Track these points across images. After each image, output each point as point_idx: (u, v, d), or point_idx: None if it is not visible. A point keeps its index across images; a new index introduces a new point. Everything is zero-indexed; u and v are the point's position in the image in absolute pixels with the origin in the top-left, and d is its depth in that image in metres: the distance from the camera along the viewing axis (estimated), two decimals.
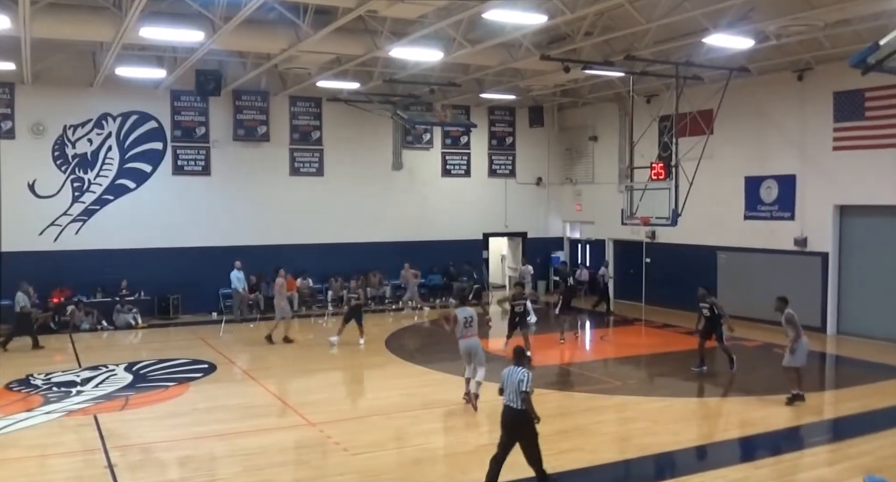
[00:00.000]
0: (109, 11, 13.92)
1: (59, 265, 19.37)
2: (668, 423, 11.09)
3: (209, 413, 11.67)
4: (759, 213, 19.77)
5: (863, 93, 17.01)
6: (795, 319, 11.84)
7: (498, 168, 26.30)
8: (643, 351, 17.10)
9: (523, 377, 7.90)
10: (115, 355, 16.00)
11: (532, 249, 26.56)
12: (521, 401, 7.82)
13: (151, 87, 20.10)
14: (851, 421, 11.39)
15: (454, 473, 9.11)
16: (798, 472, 9.10)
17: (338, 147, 23.31)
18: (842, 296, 18.18)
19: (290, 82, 21.07)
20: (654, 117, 19.77)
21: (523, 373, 7.97)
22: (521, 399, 7.81)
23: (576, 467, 9.03)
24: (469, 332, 11.88)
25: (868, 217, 17.69)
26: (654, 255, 22.52)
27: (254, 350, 17.35)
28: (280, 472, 9.03)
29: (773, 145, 19.38)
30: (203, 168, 21.61)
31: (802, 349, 11.79)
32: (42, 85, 19.48)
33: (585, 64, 16.76)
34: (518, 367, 8.10)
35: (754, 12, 13.60)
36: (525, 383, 7.84)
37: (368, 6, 12.62)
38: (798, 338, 11.74)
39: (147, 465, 9.33)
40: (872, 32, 13.22)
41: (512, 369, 8.11)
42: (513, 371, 8.07)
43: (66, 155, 20.17)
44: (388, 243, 23.69)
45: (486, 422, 11.75)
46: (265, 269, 21.62)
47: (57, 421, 11.17)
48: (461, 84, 20.75)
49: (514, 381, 7.94)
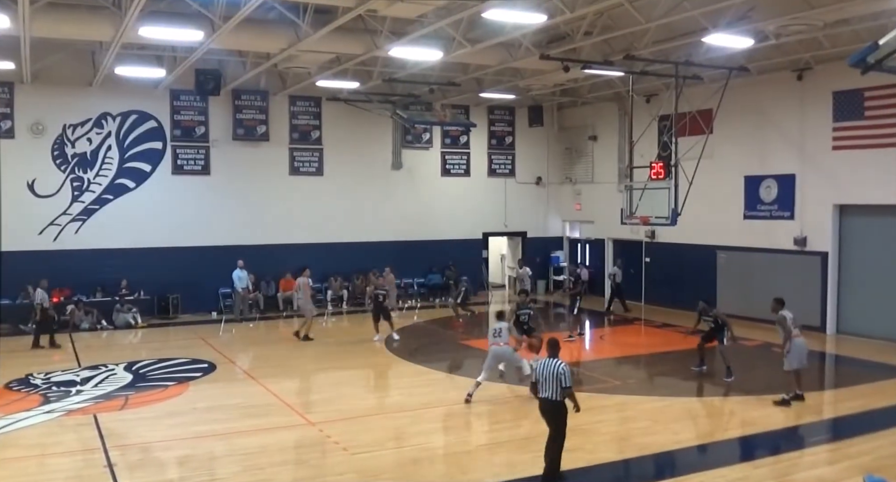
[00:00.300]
0: (109, 11, 13.92)
1: (58, 265, 19.35)
2: (668, 423, 11.10)
3: (209, 412, 11.67)
4: (758, 213, 19.77)
5: (862, 92, 17.01)
6: (787, 321, 11.77)
7: (497, 167, 26.31)
8: (643, 350, 17.10)
9: (563, 372, 8.13)
10: (114, 355, 16.00)
11: (532, 249, 26.58)
12: (562, 395, 8.10)
13: (151, 86, 20.10)
14: (851, 420, 11.39)
15: (453, 473, 9.11)
16: (797, 472, 9.09)
17: (337, 146, 23.31)
18: (841, 295, 18.18)
19: (290, 82, 21.07)
20: (654, 117, 19.78)
21: (563, 367, 8.19)
22: (566, 395, 8.11)
23: (576, 466, 9.02)
24: (498, 341, 12.32)
25: (867, 216, 17.69)
26: (653, 255, 22.53)
27: (253, 349, 17.38)
28: (279, 472, 9.03)
29: (773, 145, 19.38)
30: (203, 167, 21.61)
31: (798, 350, 11.74)
32: (41, 84, 19.49)
33: (585, 63, 16.76)
34: (554, 360, 8.33)
35: (754, 12, 13.60)
36: (566, 379, 8.10)
37: (368, 5, 12.62)
38: (789, 340, 11.71)
39: (146, 465, 9.33)
40: (872, 32, 13.22)
41: (547, 361, 8.32)
42: (548, 363, 8.28)
43: (65, 154, 20.17)
44: (387, 243, 23.68)
45: (486, 421, 11.78)
46: (266, 269, 21.66)
47: (56, 420, 11.17)
48: (461, 83, 20.75)
49: (552, 375, 8.15)
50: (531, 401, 12.37)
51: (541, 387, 8.30)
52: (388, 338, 17.45)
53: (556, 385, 8.13)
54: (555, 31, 15.94)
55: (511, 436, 10.67)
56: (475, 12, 13.08)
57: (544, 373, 8.25)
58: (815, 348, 16.84)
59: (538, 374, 8.36)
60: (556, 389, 8.12)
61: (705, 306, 14.15)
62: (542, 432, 8.52)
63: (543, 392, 8.28)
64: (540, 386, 8.32)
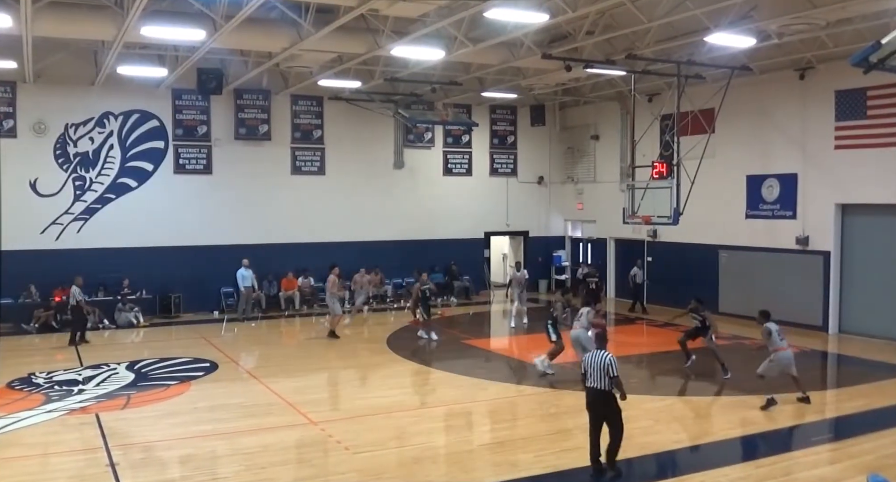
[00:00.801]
0: (111, 10, 13.92)
1: (60, 264, 19.36)
2: (669, 422, 11.10)
3: (210, 412, 11.67)
4: (760, 212, 19.75)
5: (865, 91, 17.00)
6: (773, 334, 11.70)
7: (499, 167, 26.31)
8: (644, 350, 17.10)
9: (610, 362, 8.58)
10: (116, 354, 16.00)
11: (533, 248, 26.58)
12: (609, 384, 8.55)
13: (153, 85, 20.11)
14: (853, 420, 11.38)
15: (455, 472, 9.10)
16: (799, 471, 9.08)
17: (339, 146, 23.31)
18: (843, 295, 18.16)
19: (292, 81, 21.08)
20: (656, 116, 19.77)
21: (609, 358, 8.62)
22: (614, 383, 8.55)
23: (577, 466, 9.03)
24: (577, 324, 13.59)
25: (869, 216, 17.67)
26: (655, 254, 22.52)
27: (255, 349, 17.38)
28: (281, 471, 9.03)
29: (775, 144, 19.36)
30: (204, 167, 21.62)
31: (779, 363, 11.67)
32: (44, 84, 19.51)
33: (587, 63, 16.74)
34: (601, 351, 8.78)
35: (756, 11, 13.58)
36: (613, 368, 8.54)
37: (370, 5, 12.62)
38: (775, 352, 11.69)
39: (148, 464, 9.33)
40: (874, 31, 13.22)
41: (595, 353, 8.79)
42: (596, 355, 8.74)
43: (67, 153, 20.19)
44: (389, 242, 23.69)
45: (488, 421, 11.78)
46: (267, 268, 21.65)
47: (58, 419, 11.17)
48: (462, 83, 20.74)
49: (600, 365, 8.59)
50: (533, 401, 12.42)
51: (589, 377, 8.75)
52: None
53: (603, 375, 8.59)
54: (557, 30, 15.93)
55: (512, 435, 10.65)
56: (477, 12, 13.07)
57: (593, 364, 8.70)
58: (817, 348, 16.91)
59: (586, 365, 8.81)
60: (604, 379, 8.59)
61: (697, 305, 14.39)
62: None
63: (591, 382, 8.72)
64: (588, 376, 8.76)
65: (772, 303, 18.84)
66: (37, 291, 19.38)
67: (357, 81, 19.85)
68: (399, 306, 22.63)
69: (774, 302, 18.72)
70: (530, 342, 18.56)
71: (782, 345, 11.75)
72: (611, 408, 8.70)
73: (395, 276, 23.63)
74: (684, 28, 15.15)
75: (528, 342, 18.57)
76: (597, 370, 8.63)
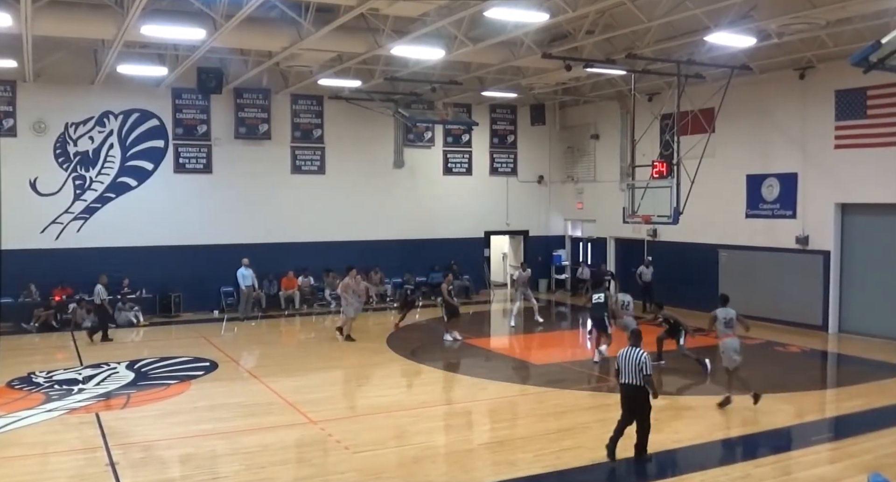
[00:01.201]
0: (111, 9, 13.91)
1: (60, 263, 19.38)
2: (669, 421, 11.09)
3: (210, 411, 11.67)
4: (760, 212, 19.75)
5: (864, 91, 16.99)
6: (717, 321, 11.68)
7: (499, 166, 26.30)
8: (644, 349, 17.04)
9: (644, 361, 8.89)
10: (116, 353, 15.99)
11: (533, 248, 26.57)
12: (643, 381, 8.85)
13: (153, 84, 20.11)
14: (853, 419, 11.39)
15: (455, 472, 9.10)
16: (799, 471, 9.09)
17: (339, 145, 23.30)
18: (843, 294, 18.15)
19: (292, 80, 21.07)
20: (656, 115, 19.77)
21: (644, 356, 8.94)
22: (646, 381, 8.85)
23: (577, 465, 9.04)
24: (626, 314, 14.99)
25: (869, 215, 17.67)
26: (655, 254, 22.50)
27: (255, 348, 17.38)
28: (281, 470, 9.04)
29: (775, 143, 19.35)
30: (204, 166, 21.61)
31: (725, 350, 11.59)
32: (44, 83, 19.50)
33: (587, 62, 16.74)
34: (635, 348, 9.08)
35: (756, 10, 13.58)
36: (647, 366, 8.87)
37: (370, 4, 12.62)
38: (721, 340, 11.64)
39: (148, 463, 9.33)
40: (874, 31, 13.21)
41: (629, 350, 9.09)
42: (630, 352, 9.04)
43: (67, 153, 20.18)
44: (389, 241, 23.68)
45: (487, 420, 11.78)
46: (267, 267, 21.63)
47: (58, 419, 11.17)
48: (462, 82, 20.73)
49: (634, 362, 8.90)
50: (533, 401, 12.42)
51: (622, 373, 9.03)
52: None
53: (636, 372, 8.89)
54: (557, 29, 15.93)
55: (512, 434, 10.66)
56: (477, 11, 13.06)
57: (626, 360, 8.99)
58: (817, 347, 16.92)
59: (620, 362, 9.08)
60: (637, 376, 8.88)
61: (657, 310, 14.74)
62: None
63: (624, 378, 9.02)
64: (621, 372, 9.05)
65: (772, 302, 18.97)
66: (37, 291, 19.38)
67: (357, 81, 19.84)
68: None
69: (774, 301, 18.86)
70: (530, 342, 18.60)
71: (726, 333, 11.66)
72: (640, 404, 8.99)
73: (396, 276, 23.60)
74: (684, 27, 15.15)
75: (528, 342, 18.61)
76: (631, 367, 8.92)
